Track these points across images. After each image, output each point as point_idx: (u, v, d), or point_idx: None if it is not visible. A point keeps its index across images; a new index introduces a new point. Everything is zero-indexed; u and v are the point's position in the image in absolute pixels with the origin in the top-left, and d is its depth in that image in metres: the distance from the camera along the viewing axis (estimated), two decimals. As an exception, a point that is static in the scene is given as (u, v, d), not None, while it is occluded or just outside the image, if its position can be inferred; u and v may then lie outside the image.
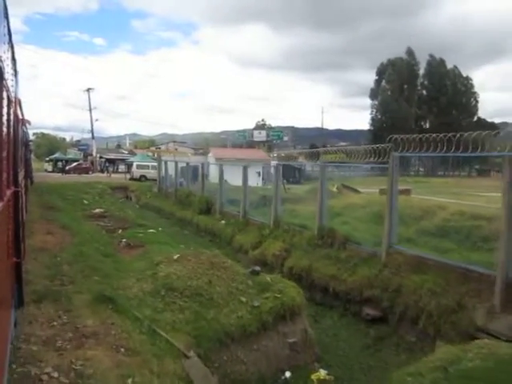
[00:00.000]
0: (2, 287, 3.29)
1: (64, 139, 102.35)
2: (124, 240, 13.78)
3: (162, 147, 72.54)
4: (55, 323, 5.37)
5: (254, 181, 33.05)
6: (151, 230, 16.60)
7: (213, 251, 9.44)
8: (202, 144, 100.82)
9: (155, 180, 35.23)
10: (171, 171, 29.51)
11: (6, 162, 3.98)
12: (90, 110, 54.19)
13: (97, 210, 21.93)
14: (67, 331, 5.18)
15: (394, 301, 8.84)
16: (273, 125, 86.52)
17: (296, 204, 17.87)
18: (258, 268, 8.49)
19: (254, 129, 76.38)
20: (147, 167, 38.89)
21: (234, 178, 26.43)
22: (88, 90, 54.89)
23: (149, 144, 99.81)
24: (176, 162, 27.77)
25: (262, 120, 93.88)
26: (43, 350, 4.69)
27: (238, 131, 69.99)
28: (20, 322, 5.23)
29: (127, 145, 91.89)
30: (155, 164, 38.85)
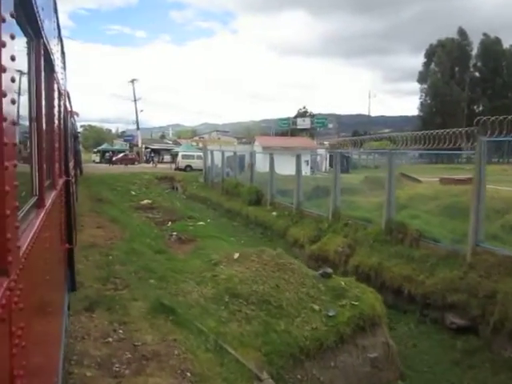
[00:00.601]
0: (56, 272, 3.42)
1: (110, 131, 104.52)
2: (174, 233, 13.19)
3: (205, 137, 72.41)
4: (110, 339, 4.64)
5: (302, 170, 31.93)
6: (201, 223, 15.97)
7: (276, 250, 8.51)
8: (244, 133, 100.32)
9: (200, 170, 34.80)
10: (217, 161, 28.85)
11: (58, 152, 4.09)
12: (135, 100, 54.66)
13: (144, 201, 21.63)
14: (124, 350, 4.43)
15: (486, 309, 7.63)
16: (314, 112, 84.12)
17: (353, 195, 16.66)
18: (329, 270, 7.50)
19: (296, 116, 74.49)
20: (192, 157, 38.50)
21: (281, 167, 25.45)
22: (132, 81, 55.41)
23: (191, 134, 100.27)
24: (222, 152, 27.04)
25: (304, 107, 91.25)
26: (98, 375, 3.94)
27: (281, 119, 68.40)
28: (71, 333, 4.58)
29: (170, 135, 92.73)
30: (200, 154, 38.43)
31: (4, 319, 1.13)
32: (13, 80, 1.36)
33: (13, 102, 1.36)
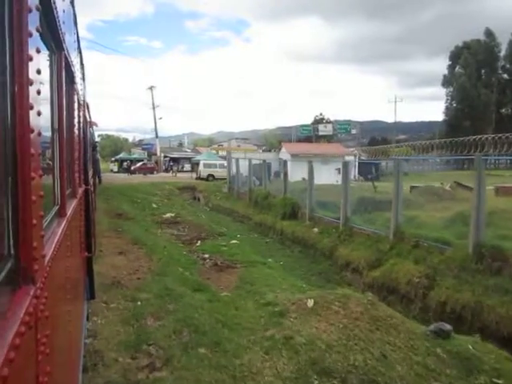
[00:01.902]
0: (77, 280, 3.42)
1: (127, 140, 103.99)
2: (207, 256, 11.26)
3: (224, 144, 70.57)
4: None
5: (333, 178, 29.77)
6: (234, 241, 13.98)
7: (365, 295, 6.40)
8: (261, 140, 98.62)
9: (223, 179, 32.92)
10: (243, 169, 26.91)
11: (78, 162, 4.18)
12: (154, 107, 53.10)
13: (167, 215, 19.77)
14: None
15: None
16: (331, 118, 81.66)
17: (408, 209, 14.46)
18: (447, 326, 5.37)
19: (314, 123, 72.50)
20: (215, 166, 36.57)
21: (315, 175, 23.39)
22: (151, 87, 53.87)
23: (208, 142, 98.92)
24: (250, 160, 25.07)
25: (321, 114, 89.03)
26: None
27: (302, 125, 66.27)
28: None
29: (185, 143, 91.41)
30: (223, 162, 36.57)
31: (31, 327, 1.15)
32: (38, 92, 1.43)
33: (38, 113, 1.42)
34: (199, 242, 13.71)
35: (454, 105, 75.65)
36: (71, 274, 2.83)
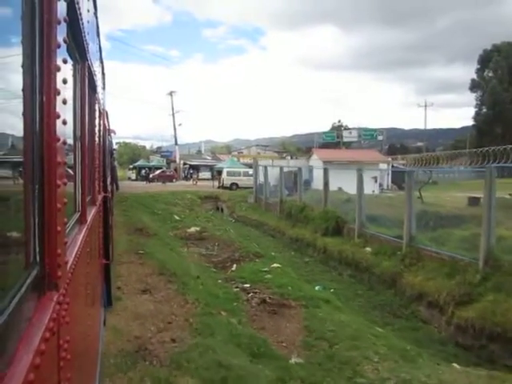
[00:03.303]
0: (95, 287, 3.41)
1: (144, 147, 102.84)
2: (248, 287, 9.11)
3: (244, 152, 68.51)
4: None
5: (369, 188, 27.29)
6: (276, 265, 11.71)
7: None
8: (279, 148, 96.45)
9: (248, 188, 30.72)
10: (272, 178, 24.67)
11: (98, 169, 4.26)
12: (173, 113, 51.25)
13: (192, 229, 17.64)
14: None
15: None
16: (349, 126, 78.73)
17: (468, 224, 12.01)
18: None
19: (331, 130, 70.06)
20: (239, 174, 34.28)
21: (350, 185, 21.00)
22: (171, 93, 52.01)
23: (226, 149, 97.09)
24: (281, 168, 22.79)
25: (339, 121, 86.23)
26: None
27: (326, 132, 63.82)
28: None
29: (203, 151, 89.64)
30: (247, 170, 34.35)
31: (54, 332, 1.15)
32: (64, 102, 1.47)
33: (64, 122, 1.43)
34: (234, 265, 11.52)
35: (485, 110, 72.26)
36: (90, 281, 2.78)
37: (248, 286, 9.32)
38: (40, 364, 0.92)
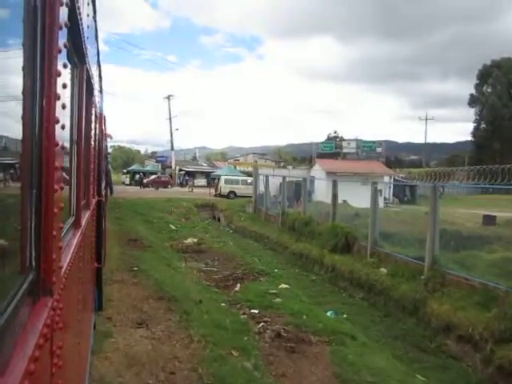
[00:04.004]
0: (87, 291, 3.40)
1: (138, 151, 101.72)
2: (257, 314, 8.02)
3: (241, 159, 67.42)
4: None
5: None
6: (284, 286, 10.59)
7: None
8: (274, 156, 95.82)
9: (246, 197, 29.62)
10: (272, 188, 23.58)
11: (93, 173, 4.26)
12: (170, 118, 49.97)
13: (189, 241, 16.46)
14: None
15: None
16: (345, 137, 78.07)
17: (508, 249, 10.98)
18: None
19: (326, 141, 69.37)
20: (237, 182, 33.12)
21: (354, 197, 19.98)
22: (168, 97, 50.85)
23: (221, 156, 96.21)
24: (284, 178, 21.69)
25: (335, 132, 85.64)
26: None
27: (324, 142, 63.02)
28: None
29: (197, 157, 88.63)
30: (246, 178, 33.29)
31: (48, 338, 1.14)
32: (63, 107, 1.44)
33: (63, 127, 1.42)
34: (238, 284, 10.36)
35: (484, 125, 72.04)
36: (83, 285, 2.77)
37: (256, 312, 8.19)
38: (34, 371, 0.91)
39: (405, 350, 8.68)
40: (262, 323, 7.35)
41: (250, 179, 32.86)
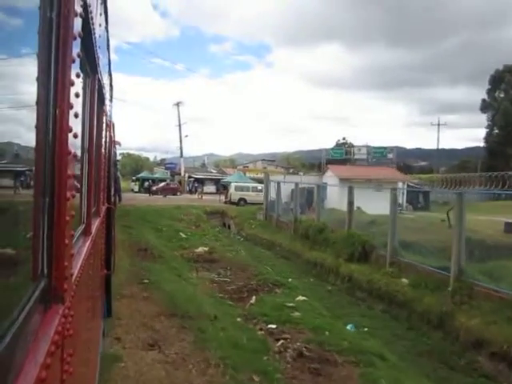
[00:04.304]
0: (97, 298, 3.41)
1: (148, 159, 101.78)
2: (274, 329, 7.52)
3: (250, 166, 67.00)
4: None
5: (387, 208, 25.52)
6: (301, 298, 10.08)
7: None
8: (283, 163, 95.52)
9: (256, 204, 29.13)
10: (284, 194, 23.09)
11: (103, 181, 4.27)
12: (180, 125, 49.74)
13: (200, 249, 15.99)
14: None
15: None
16: (354, 143, 77.38)
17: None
18: None
19: (335, 147, 68.79)
20: (247, 189, 32.59)
21: (367, 204, 19.43)
22: (177, 103, 50.67)
23: (229, 163, 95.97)
24: (296, 184, 21.17)
25: (343, 138, 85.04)
26: None
27: (333, 148, 62.59)
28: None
29: (206, 164, 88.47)
30: (256, 185, 32.82)
31: (59, 346, 1.14)
32: (76, 116, 1.45)
33: (75, 136, 1.43)
34: (253, 297, 9.86)
35: (496, 130, 71.00)
36: (93, 292, 2.77)
37: (274, 327, 7.68)
38: (46, 378, 0.91)
39: (432, 367, 8.10)
40: (282, 340, 6.84)
41: (260, 186, 32.35)
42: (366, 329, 9.85)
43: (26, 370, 0.84)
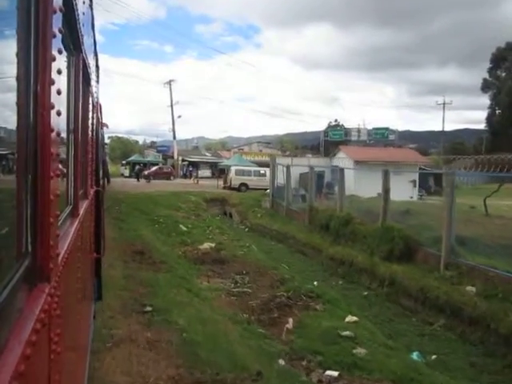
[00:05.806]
0: (86, 281, 3.42)
1: (137, 142, 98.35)
2: (335, 378, 5.13)
3: (245, 148, 64.11)
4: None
5: (406, 193, 23.33)
6: (352, 318, 7.70)
7: None
8: (276, 145, 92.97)
9: (259, 190, 26.66)
10: (294, 180, 20.59)
11: (91, 163, 4.23)
12: (172, 105, 46.49)
13: (205, 246, 13.51)
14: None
15: None
16: (345, 125, 74.64)
17: None
18: None
19: (327, 129, 66.04)
20: (249, 173, 29.91)
21: (369, 187, 16.94)
22: (169, 82, 47.21)
23: (221, 146, 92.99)
24: (311, 168, 18.64)
25: (336, 120, 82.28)
26: None
27: (333, 130, 60.03)
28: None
29: (198, 147, 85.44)
30: (259, 169, 30.26)
31: (45, 324, 1.13)
32: (59, 93, 1.43)
33: (58, 113, 1.41)
34: (289, 319, 7.43)
35: (498, 110, 68.86)
36: (82, 274, 2.76)
37: (336, 375, 5.31)
38: (31, 355, 0.91)
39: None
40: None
41: (263, 170, 29.77)
42: (433, 356, 7.57)
43: (10, 347, 0.84)
